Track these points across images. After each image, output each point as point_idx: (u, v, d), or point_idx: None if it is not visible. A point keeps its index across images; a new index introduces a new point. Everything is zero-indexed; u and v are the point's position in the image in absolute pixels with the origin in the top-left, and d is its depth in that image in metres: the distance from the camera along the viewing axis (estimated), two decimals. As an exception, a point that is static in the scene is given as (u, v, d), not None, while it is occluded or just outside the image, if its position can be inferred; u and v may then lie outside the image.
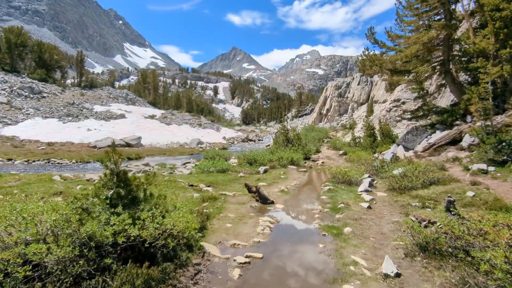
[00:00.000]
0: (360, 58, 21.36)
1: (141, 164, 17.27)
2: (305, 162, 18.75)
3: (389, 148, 19.31)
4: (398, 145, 18.01)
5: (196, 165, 16.38)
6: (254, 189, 8.51)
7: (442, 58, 19.39)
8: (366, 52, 21.85)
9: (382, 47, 20.81)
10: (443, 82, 21.09)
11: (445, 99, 23.57)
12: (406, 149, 17.25)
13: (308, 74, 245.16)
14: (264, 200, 8.48)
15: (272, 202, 8.64)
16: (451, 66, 19.22)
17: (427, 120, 21.80)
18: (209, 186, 11.12)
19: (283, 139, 22.76)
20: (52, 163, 19.29)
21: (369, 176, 12.45)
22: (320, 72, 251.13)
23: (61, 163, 19.24)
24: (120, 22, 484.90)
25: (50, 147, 26.62)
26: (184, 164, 19.01)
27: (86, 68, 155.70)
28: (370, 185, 10.68)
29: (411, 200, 8.56)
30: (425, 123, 21.50)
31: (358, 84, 64.69)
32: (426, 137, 17.30)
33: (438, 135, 16.51)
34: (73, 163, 19.66)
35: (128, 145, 31.35)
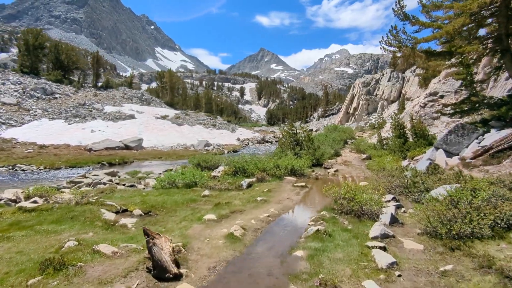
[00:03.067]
0: (385, 38, 16.81)
1: (103, 172, 14.14)
2: (313, 171, 14.68)
3: (424, 152, 14.73)
4: (437, 148, 13.44)
5: (156, 178, 12.81)
6: (151, 242, 4.21)
7: (497, 33, 14.59)
8: (394, 32, 17.31)
9: (415, 24, 16.29)
10: (498, 65, 16.12)
11: (499, 88, 18.46)
12: (449, 154, 12.69)
13: (337, 73, 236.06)
14: (161, 272, 4.09)
15: (176, 277, 4.13)
16: (510, 43, 14.37)
17: (475, 116, 16.92)
18: (146, 213, 7.59)
19: (290, 141, 18.83)
20: (17, 169, 16.75)
21: (393, 199, 8.25)
22: (350, 71, 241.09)
23: (25, 170, 16.64)
24: (152, 27, 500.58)
25: (38, 150, 24.54)
26: (164, 171, 15.66)
27: (119, 72, 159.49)
28: (394, 220, 6.40)
29: (479, 275, 3.80)
30: (473, 120, 16.63)
31: (389, 80, 58.74)
32: (477, 138, 12.64)
33: (495, 135, 11.86)
34: (40, 169, 17.02)
35: (126, 147, 28.79)
